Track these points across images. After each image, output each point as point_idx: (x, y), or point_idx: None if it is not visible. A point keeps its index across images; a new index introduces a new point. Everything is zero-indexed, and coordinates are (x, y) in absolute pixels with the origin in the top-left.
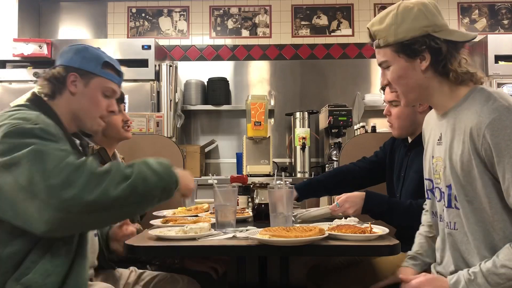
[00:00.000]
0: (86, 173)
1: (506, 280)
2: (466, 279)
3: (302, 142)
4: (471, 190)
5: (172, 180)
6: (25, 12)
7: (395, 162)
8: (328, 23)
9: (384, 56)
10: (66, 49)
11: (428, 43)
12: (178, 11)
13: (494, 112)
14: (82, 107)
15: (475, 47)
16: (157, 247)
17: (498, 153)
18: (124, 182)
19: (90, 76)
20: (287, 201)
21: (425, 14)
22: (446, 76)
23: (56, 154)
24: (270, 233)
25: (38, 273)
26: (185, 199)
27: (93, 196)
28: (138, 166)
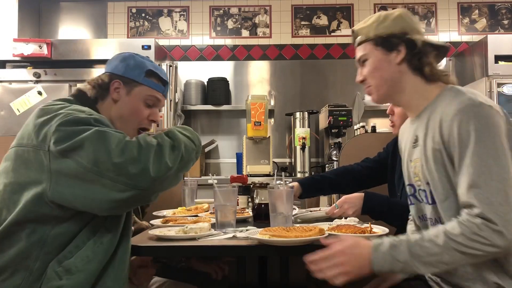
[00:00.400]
0: (147, 148)
1: (427, 255)
2: (390, 243)
3: (302, 142)
4: (444, 182)
5: (199, 143)
6: (25, 12)
7: (397, 162)
8: (328, 23)
9: (364, 50)
10: (114, 57)
11: (404, 38)
12: (178, 11)
13: (461, 104)
14: (123, 114)
15: (475, 47)
16: (157, 247)
17: (460, 143)
18: (174, 152)
19: (133, 84)
20: (287, 201)
21: (405, 18)
22: (420, 71)
23: (116, 135)
24: (270, 233)
25: (79, 258)
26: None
27: (155, 168)
28: (177, 135)
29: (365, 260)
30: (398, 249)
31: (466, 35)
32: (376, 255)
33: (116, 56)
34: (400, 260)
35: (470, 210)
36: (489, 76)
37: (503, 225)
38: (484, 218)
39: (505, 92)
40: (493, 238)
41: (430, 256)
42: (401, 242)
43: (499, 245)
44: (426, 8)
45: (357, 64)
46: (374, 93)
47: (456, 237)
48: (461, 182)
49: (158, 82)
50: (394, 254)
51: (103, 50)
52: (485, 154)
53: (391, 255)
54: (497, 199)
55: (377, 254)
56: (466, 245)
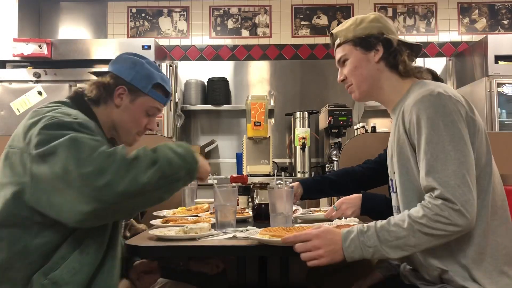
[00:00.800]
0: (118, 161)
1: (394, 239)
2: (359, 230)
3: (302, 142)
4: (405, 172)
5: (194, 161)
6: (25, 12)
7: None
8: (328, 23)
9: (343, 51)
10: (123, 57)
11: (381, 38)
12: (178, 11)
13: (420, 94)
14: (123, 121)
15: (475, 47)
16: (157, 247)
17: (418, 130)
18: (152, 167)
19: (138, 93)
20: (287, 201)
21: (379, 20)
22: (396, 68)
23: (90, 143)
24: (270, 233)
25: (65, 270)
26: (201, 182)
27: (124, 183)
28: (162, 150)
29: (337, 246)
30: (366, 235)
31: (466, 35)
32: (346, 242)
33: (125, 57)
34: (369, 245)
35: (431, 193)
36: (489, 76)
37: (462, 205)
38: (444, 198)
39: (505, 92)
40: (454, 217)
41: (397, 239)
42: (369, 227)
43: (460, 224)
44: (426, 8)
45: (338, 64)
46: (355, 91)
47: (419, 219)
48: (421, 168)
49: (162, 94)
50: (363, 240)
51: (103, 50)
52: (442, 139)
53: (360, 240)
54: (455, 181)
55: (347, 241)
56: (429, 226)
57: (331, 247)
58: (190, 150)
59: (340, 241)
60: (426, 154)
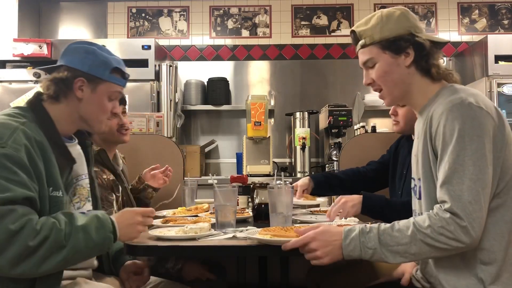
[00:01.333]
0: (19, 245)
1: (395, 244)
2: (361, 229)
3: (302, 142)
4: (430, 180)
5: (108, 243)
6: (25, 12)
7: (398, 161)
8: (328, 23)
9: (370, 54)
10: (73, 47)
11: (412, 40)
12: (178, 11)
13: (450, 103)
14: (90, 112)
15: (475, 47)
16: (157, 247)
17: (443, 141)
18: (56, 255)
19: (97, 82)
20: (287, 201)
21: (407, 17)
22: (428, 72)
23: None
24: (270, 233)
25: (5, 280)
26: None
27: (19, 270)
28: (75, 236)
29: (335, 245)
30: (367, 236)
31: (466, 35)
32: (346, 240)
33: (76, 47)
34: (369, 247)
35: (442, 205)
36: (489, 76)
37: (469, 222)
38: (452, 213)
39: (505, 92)
40: (458, 233)
41: (398, 245)
42: (372, 229)
43: (464, 241)
44: (426, 8)
45: (362, 66)
46: (386, 97)
47: (424, 229)
48: (438, 178)
49: (120, 77)
50: (363, 240)
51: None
52: (464, 153)
53: (360, 241)
54: (468, 197)
55: (348, 239)
56: (432, 237)
57: (327, 248)
58: (108, 236)
59: (338, 240)
60: (445, 165)
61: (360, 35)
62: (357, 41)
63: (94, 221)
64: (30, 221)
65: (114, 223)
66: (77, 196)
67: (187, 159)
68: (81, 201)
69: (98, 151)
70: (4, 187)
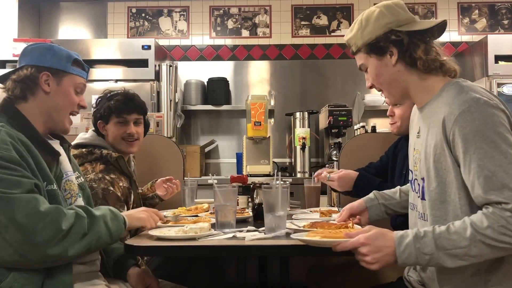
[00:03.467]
0: (54, 227)
1: (453, 247)
2: (414, 234)
3: (302, 142)
4: (442, 183)
5: (120, 234)
6: (25, 12)
7: (397, 162)
8: (328, 23)
9: (360, 60)
10: (29, 48)
11: (390, 38)
12: (178, 11)
13: (464, 103)
14: (57, 105)
15: (475, 47)
16: (157, 247)
17: (465, 144)
18: (81, 240)
19: (61, 74)
20: (282, 201)
21: (386, 13)
22: (415, 65)
23: (24, 199)
24: (320, 234)
25: (18, 275)
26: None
27: (54, 251)
28: (97, 224)
29: (387, 251)
30: (423, 241)
31: (466, 35)
32: (400, 247)
33: (33, 47)
34: (426, 252)
35: (496, 205)
36: (489, 76)
37: None
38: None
39: (505, 92)
40: None
41: (456, 248)
42: (426, 234)
43: None
44: (426, 8)
45: (361, 71)
46: (388, 97)
47: (483, 230)
48: (474, 183)
49: (81, 69)
50: (419, 246)
51: (103, 50)
52: (495, 153)
53: (415, 247)
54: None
55: (402, 246)
56: (493, 237)
57: (378, 254)
58: (122, 226)
59: (391, 247)
60: (483, 170)
61: (349, 44)
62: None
63: (109, 213)
64: (56, 206)
65: (124, 216)
66: (68, 192)
67: (187, 159)
68: (72, 196)
69: (117, 158)
70: (15, 181)
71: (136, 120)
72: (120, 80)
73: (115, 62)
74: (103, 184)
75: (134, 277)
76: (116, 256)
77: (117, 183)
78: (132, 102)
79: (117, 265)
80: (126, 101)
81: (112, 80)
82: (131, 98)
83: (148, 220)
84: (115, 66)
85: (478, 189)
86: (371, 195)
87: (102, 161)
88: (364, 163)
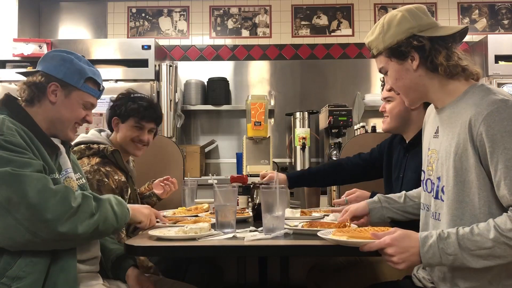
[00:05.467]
0: (64, 203)
1: (477, 248)
2: (438, 234)
3: (302, 142)
4: (461, 182)
5: (125, 218)
6: (25, 12)
7: (392, 163)
8: (328, 23)
9: (380, 63)
10: (50, 55)
11: (412, 43)
12: (178, 11)
13: (493, 104)
14: (61, 116)
15: (475, 47)
16: (157, 247)
17: (492, 144)
18: (90, 219)
19: (71, 89)
20: (280, 201)
21: (408, 18)
22: (436, 71)
23: (35, 177)
24: (347, 234)
25: (23, 264)
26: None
27: (64, 228)
28: (103, 205)
29: (413, 251)
30: (446, 242)
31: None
32: (424, 247)
33: (53, 55)
34: (449, 253)
35: None
36: (489, 76)
37: None
38: None
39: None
40: None
41: (480, 249)
42: (449, 235)
43: None
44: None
45: (381, 73)
46: (405, 100)
47: (507, 232)
48: (501, 184)
49: (95, 87)
50: (442, 247)
51: (103, 50)
52: None
53: (439, 247)
54: None
55: (425, 246)
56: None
57: (404, 254)
58: (126, 211)
59: (415, 247)
60: (510, 170)
61: (369, 47)
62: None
63: (113, 198)
64: (65, 186)
65: (127, 205)
66: None
67: (187, 159)
68: None
69: (112, 151)
70: (25, 162)
71: (151, 129)
72: (120, 80)
73: (115, 62)
74: (98, 175)
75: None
76: (114, 257)
77: (112, 176)
78: (155, 111)
79: (116, 266)
80: (150, 108)
81: (112, 80)
82: (155, 107)
83: (148, 218)
84: (115, 66)
85: (503, 190)
86: (375, 198)
87: (99, 155)
88: None
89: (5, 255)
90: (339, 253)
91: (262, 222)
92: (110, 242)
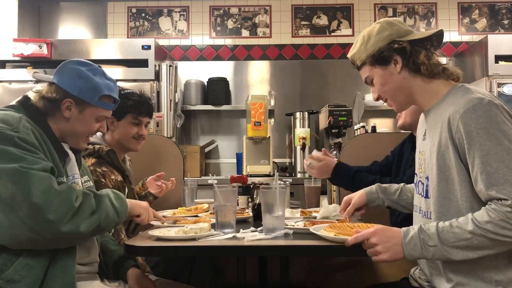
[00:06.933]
0: (66, 203)
1: (456, 240)
2: (419, 227)
3: (302, 142)
4: (444, 179)
5: (125, 212)
6: (25, 12)
7: (402, 161)
8: (328, 23)
9: (365, 73)
10: (68, 67)
11: (393, 47)
12: (178, 11)
13: (469, 102)
14: (75, 130)
15: (475, 47)
16: (157, 247)
17: (469, 141)
18: (91, 217)
19: (85, 105)
20: (280, 201)
21: (386, 27)
22: (419, 71)
23: (40, 176)
24: (335, 230)
25: (19, 267)
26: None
27: (66, 228)
28: (104, 202)
29: (396, 242)
30: (427, 234)
31: (466, 35)
32: (406, 238)
33: (70, 68)
34: (430, 244)
35: (497, 201)
36: (489, 76)
37: None
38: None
39: (505, 92)
40: None
41: (459, 241)
42: (430, 227)
43: None
44: (426, 8)
45: (367, 84)
46: (393, 105)
47: (484, 224)
48: (478, 180)
49: (110, 101)
50: (423, 237)
51: (103, 50)
52: (499, 150)
53: (420, 238)
54: None
55: (407, 238)
56: (494, 231)
57: (388, 244)
58: (126, 205)
59: (399, 237)
60: (486, 166)
61: (353, 60)
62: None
63: (111, 192)
64: (68, 185)
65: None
66: None
67: (187, 159)
68: None
69: (108, 151)
70: (34, 161)
71: (146, 123)
72: (120, 80)
73: (115, 62)
74: (94, 176)
75: (133, 278)
76: (116, 257)
77: (108, 176)
78: (149, 105)
79: (117, 266)
80: (144, 103)
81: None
82: (148, 100)
83: (147, 211)
84: (115, 66)
85: (480, 185)
86: (373, 188)
87: (94, 155)
88: (364, 163)
89: (4, 253)
90: (339, 253)
91: (262, 222)
92: (112, 244)
